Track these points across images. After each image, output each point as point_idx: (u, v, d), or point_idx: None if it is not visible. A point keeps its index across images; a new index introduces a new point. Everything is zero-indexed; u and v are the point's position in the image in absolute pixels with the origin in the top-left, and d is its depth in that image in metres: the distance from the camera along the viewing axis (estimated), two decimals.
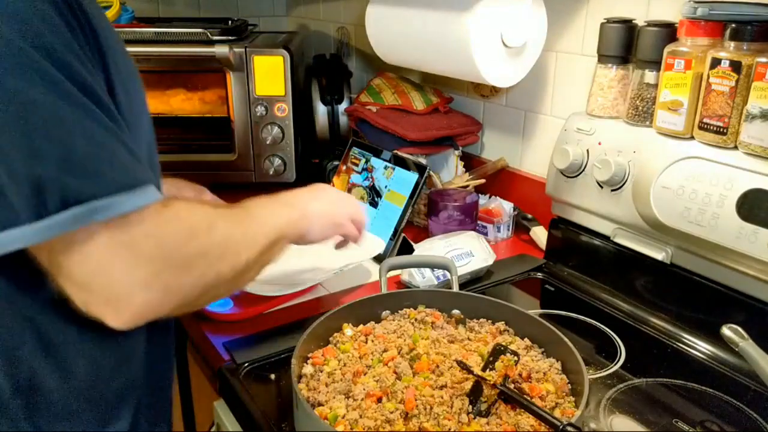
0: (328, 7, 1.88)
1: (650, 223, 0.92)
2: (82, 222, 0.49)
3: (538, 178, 1.25)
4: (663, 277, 0.95)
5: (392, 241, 1.12)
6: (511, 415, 0.65)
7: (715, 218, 0.82)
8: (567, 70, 1.17)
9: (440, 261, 0.93)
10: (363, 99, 1.42)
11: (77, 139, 0.49)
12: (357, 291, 1.04)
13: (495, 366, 0.68)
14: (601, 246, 1.04)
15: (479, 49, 1.01)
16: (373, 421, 0.63)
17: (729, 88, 0.82)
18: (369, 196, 1.20)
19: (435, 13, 1.06)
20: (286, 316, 0.96)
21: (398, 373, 0.71)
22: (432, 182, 1.26)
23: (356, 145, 1.28)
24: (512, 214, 1.24)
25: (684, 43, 0.88)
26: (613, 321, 0.95)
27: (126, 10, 1.56)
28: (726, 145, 0.84)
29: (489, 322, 0.83)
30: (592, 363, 0.84)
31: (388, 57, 1.26)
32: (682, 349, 0.89)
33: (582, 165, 1.02)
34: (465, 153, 1.36)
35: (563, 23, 1.14)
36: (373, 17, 1.22)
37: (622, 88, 1.00)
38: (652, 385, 0.80)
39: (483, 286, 1.06)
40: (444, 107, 1.36)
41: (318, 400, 0.67)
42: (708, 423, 0.74)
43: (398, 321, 0.83)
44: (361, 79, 1.70)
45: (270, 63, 1.38)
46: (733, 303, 0.85)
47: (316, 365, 0.73)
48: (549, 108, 1.22)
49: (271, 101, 1.40)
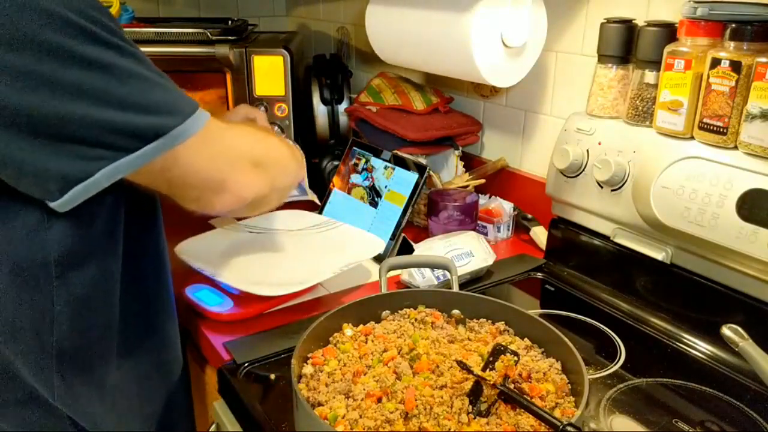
0: (328, 7, 1.88)
1: (650, 223, 0.92)
2: (172, 146, 0.62)
3: (538, 178, 1.25)
4: (663, 277, 0.95)
5: (392, 241, 1.12)
6: (511, 415, 0.65)
7: (715, 218, 0.82)
8: (567, 70, 1.17)
9: (440, 261, 0.93)
10: (363, 99, 1.42)
11: (150, 88, 0.61)
12: (357, 291, 1.04)
13: (495, 366, 0.68)
14: (601, 246, 1.04)
15: (479, 49, 1.01)
16: (373, 421, 0.63)
17: (729, 88, 0.82)
18: (369, 196, 1.20)
19: (435, 13, 1.06)
20: (286, 316, 0.96)
21: (398, 373, 0.71)
22: (432, 182, 1.26)
23: (356, 145, 1.28)
24: (512, 214, 1.24)
25: (684, 43, 0.88)
26: (613, 321, 0.95)
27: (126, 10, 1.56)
28: (726, 145, 0.84)
29: (489, 322, 0.83)
30: (592, 363, 0.84)
31: (388, 57, 1.26)
32: (682, 349, 0.89)
33: (582, 165, 1.02)
34: (465, 153, 1.36)
35: (563, 23, 1.14)
36: (373, 17, 1.22)
37: (622, 88, 1.00)
38: (652, 385, 0.80)
39: (483, 286, 1.06)
40: (444, 107, 1.36)
41: (318, 400, 0.67)
42: (708, 423, 0.74)
43: (398, 321, 0.83)
44: (361, 79, 1.70)
45: (270, 63, 1.38)
46: (733, 303, 0.85)
47: (316, 365, 0.73)
48: (549, 108, 1.22)
49: (271, 101, 1.40)
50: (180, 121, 0.62)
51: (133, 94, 0.59)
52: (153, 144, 0.61)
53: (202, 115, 0.65)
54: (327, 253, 1.04)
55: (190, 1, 1.94)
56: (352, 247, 1.05)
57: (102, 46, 0.58)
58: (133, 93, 0.59)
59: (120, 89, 0.59)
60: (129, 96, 0.59)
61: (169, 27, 1.40)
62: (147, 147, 0.61)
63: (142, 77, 0.61)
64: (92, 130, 0.58)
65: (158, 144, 0.61)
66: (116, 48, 0.59)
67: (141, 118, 0.60)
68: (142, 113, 0.60)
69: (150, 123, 0.60)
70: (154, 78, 0.62)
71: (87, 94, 0.57)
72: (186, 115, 0.63)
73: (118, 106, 0.59)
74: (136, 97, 0.60)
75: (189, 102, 0.65)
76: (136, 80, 0.60)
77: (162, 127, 0.61)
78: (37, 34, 0.54)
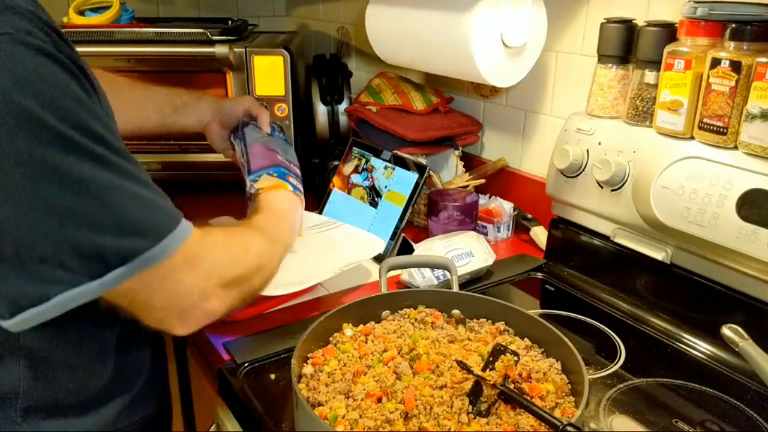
0: (328, 7, 1.88)
1: (650, 223, 0.92)
2: (140, 270, 0.56)
3: (538, 178, 1.25)
4: (663, 277, 0.95)
5: (392, 241, 1.12)
6: (511, 415, 0.65)
7: (715, 218, 0.82)
8: (567, 70, 1.17)
9: (440, 261, 0.93)
10: (363, 99, 1.42)
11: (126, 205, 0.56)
12: (357, 291, 1.04)
13: (495, 366, 0.68)
14: (601, 246, 1.04)
15: (479, 49, 1.01)
16: (373, 421, 0.63)
17: (729, 88, 0.82)
18: (369, 196, 1.20)
19: (435, 13, 1.06)
20: (286, 316, 0.96)
21: (398, 373, 0.71)
22: (432, 182, 1.26)
23: (356, 145, 1.28)
24: (512, 214, 1.24)
25: (684, 43, 0.88)
26: (613, 321, 0.95)
27: (126, 10, 1.56)
28: (726, 145, 0.84)
29: (489, 322, 0.83)
30: (592, 363, 0.84)
31: (388, 57, 1.26)
32: (682, 349, 0.89)
33: (582, 165, 1.02)
34: (465, 153, 1.36)
35: (563, 23, 1.14)
36: (373, 17, 1.22)
37: (622, 88, 1.00)
38: (652, 385, 0.80)
39: (483, 286, 1.06)
40: (444, 107, 1.36)
41: (318, 400, 0.67)
42: (708, 423, 0.74)
43: (398, 321, 0.83)
44: (361, 79, 1.70)
45: (270, 63, 1.38)
46: (733, 303, 0.85)
47: (316, 365, 0.73)
48: (549, 108, 1.22)
49: (271, 101, 1.40)
50: (153, 243, 0.56)
51: (106, 211, 0.54)
52: (118, 271, 0.55)
53: (181, 233, 0.59)
54: (327, 253, 1.04)
55: (190, 1, 1.94)
56: (352, 247, 1.05)
57: (80, 156, 0.52)
58: (106, 211, 0.54)
59: (92, 207, 0.53)
60: (101, 214, 0.54)
61: (169, 27, 1.40)
62: (110, 274, 0.55)
63: (121, 191, 0.55)
64: (54, 250, 0.52)
65: (123, 271, 0.55)
66: (97, 159, 0.54)
67: (110, 240, 0.54)
68: (112, 234, 0.54)
69: (118, 246, 0.55)
70: (134, 190, 0.57)
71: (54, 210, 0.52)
72: (161, 236, 0.57)
73: (87, 225, 0.53)
74: (108, 216, 0.54)
75: (168, 217, 0.60)
76: (113, 195, 0.54)
77: (131, 251, 0.55)
78: (7, 138, 0.49)
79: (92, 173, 0.53)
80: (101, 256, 0.54)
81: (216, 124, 1.08)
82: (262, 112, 1.06)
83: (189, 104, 1.06)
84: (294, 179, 0.98)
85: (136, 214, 0.56)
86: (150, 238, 0.57)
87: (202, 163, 1.49)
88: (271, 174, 0.95)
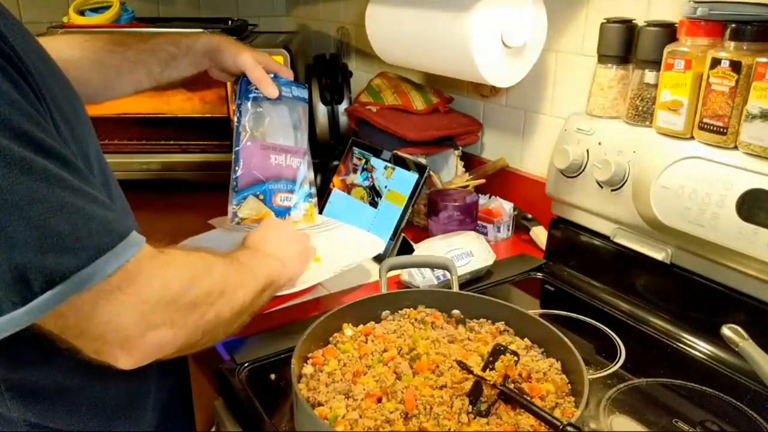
0: (328, 7, 1.88)
1: (650, 223, 0.92)
2: (72, 294, 0.48)
3: (538, 178, 1.25)
4: (663, 277, 0.95)
5: (392, 241, 1.12)
6: (511, 415, 0.65)
7: (715, 218, 0.82)
8: (567, 70, 1.17)
9: (440, 261, 0.93)
10: (363, 99, 1.42)
11: (51, 217, 0.47)
12: (357, 291, 1.04)
13: (495, 366, 0.68)
14: (601, 246, 1.04)
15: (479, 49, 1.01)
16: (373, 421, 0.63)
17: (729, 88, 0.82)
18: (369, 196, 1.20)
19: (435, 13, 1.06)
20: (286, 316, 0.96)
21: (398, 373, 0.71)
22: (432, 182, 1.26)
23: (356, 145, 1.28)
24: (512, 214, 1.24)
25: (684, 43, 0.88)
26: (613, 321, 0.95)
27: (126, 10, 1.56)
28: (726, 145, 0.84)
29: (489, 322, 0.83)
30: (592, 363, 0.84)
31: (388, 57, 1.26)
32: (682, 349, 0.89)
33: (582, 165, 1.02)
34: (465, 153, 1.36)
35: (563, 23, 1.14)
36: (373, 17, 1.22)
37: (622, 88, 1.00)
38: (652, 385, 0.80)
39: (483, 286, 1.06)
40: (444, 107, 1.36)
41: (318, 400, 0.67)
42: (708, 423, 0.74)
43: (398, 321, 0.83)
44: (361, 79, 1.70)
45: None
46: (733, 303, 0.85)
47: (316, 365, 0.73)
48: (549, 108, 1.22)
49: None
50: (84, 262, 0.48)
51: (25, 225, 0.46)
52: (45, 296, 0.47)
53: (123, 250, 0.51)
54: (327, 253, 1.04)
55: (190, 1, 1.94)
56: (352, 247, 1.05)
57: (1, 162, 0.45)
58: (25, 224, 0.46)
59: (10, 220, 0.46)
60: (19, 228, 0.46)
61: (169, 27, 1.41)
62: (37, 300, 0.47)
63: (45, 201, 0.47)
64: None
65: (52, 296, 0.47)
66: (20, 163, 0.46)
67: (31, 257, 0.46)
68: (33, 251, 0.46)
69: (42, 265, 0.46)
70: (64, 200, 0.48)
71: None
72: (95, 254, 0.49)
73: (3, 242, 0.46)
74: (27, 229, 0.46)
75: (107, 232, 0.50)
76: (35, 206, 0.46)
77: (58, 271, 0.47)
78: None
79: (12, 180, 0.46)
80: (23, 277, 0.46)
81: (216, 70, 1.02)
82: (262, 79, 0.96)
83: (178, 56, 0.98)
84: (282, 193, 0.96)
85: (64, 228, 0.47)
86: (81, 257, 0.48)
87: (202, 163, 1.49)
88: (257, 195, 0.94)
